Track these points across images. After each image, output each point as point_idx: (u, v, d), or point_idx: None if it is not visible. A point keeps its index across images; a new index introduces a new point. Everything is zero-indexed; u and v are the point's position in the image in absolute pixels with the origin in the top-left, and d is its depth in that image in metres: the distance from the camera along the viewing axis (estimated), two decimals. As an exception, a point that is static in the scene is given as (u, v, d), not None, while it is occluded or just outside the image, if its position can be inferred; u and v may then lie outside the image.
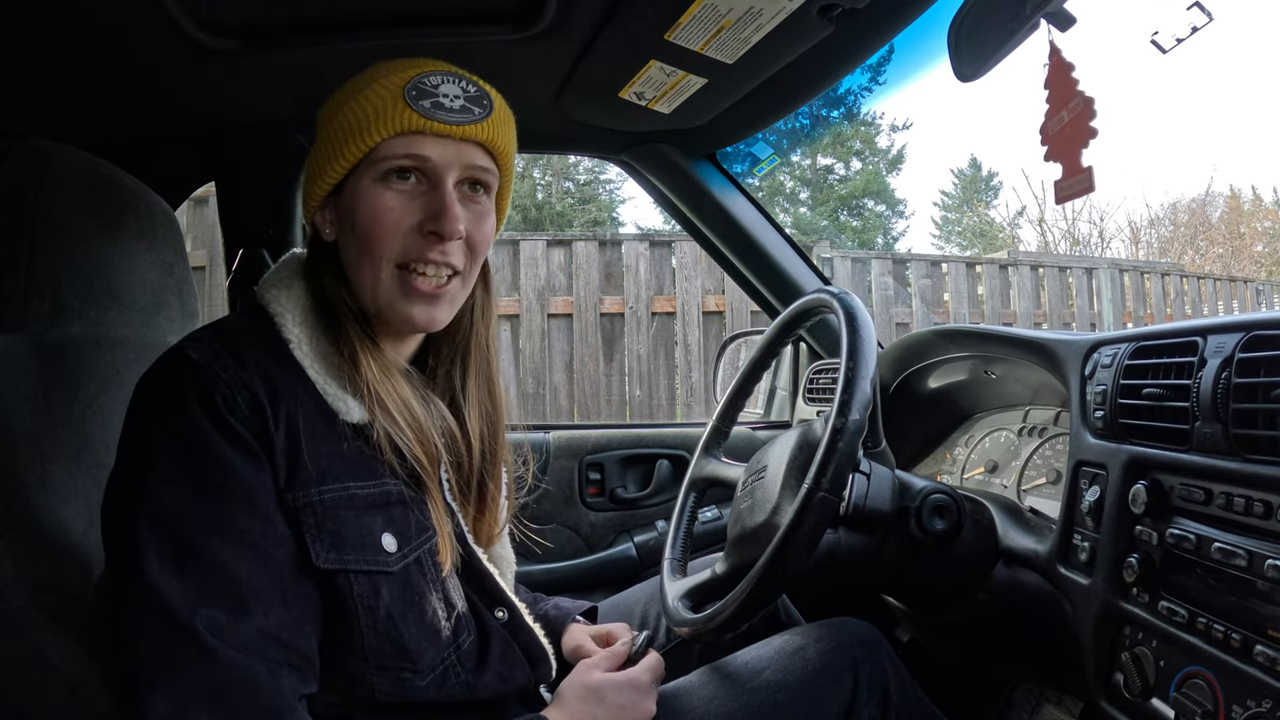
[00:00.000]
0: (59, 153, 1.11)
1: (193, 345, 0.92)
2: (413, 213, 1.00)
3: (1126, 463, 1.07)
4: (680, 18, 1.27)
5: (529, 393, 5.17)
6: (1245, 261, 16.90)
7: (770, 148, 2.04)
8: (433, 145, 1.00)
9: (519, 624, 1.14)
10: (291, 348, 0.98)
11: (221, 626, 0.83)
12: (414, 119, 0.98)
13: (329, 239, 1.05)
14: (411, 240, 1.00)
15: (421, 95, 0.98)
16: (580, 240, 5.31)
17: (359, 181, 1.01)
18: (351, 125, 0.99)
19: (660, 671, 1.15)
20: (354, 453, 0.98)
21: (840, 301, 1.18)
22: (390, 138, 0.98)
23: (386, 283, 1.01)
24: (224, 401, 0.89)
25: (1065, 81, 1.01)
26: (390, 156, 0.99)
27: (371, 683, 0.95)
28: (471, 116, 1.01)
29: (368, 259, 1.01)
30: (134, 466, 0.88)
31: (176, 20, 1.24)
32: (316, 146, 1.05)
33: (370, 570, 0.95)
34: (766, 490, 1.19)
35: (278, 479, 0.91)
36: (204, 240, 4.71)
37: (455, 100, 1.00)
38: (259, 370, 0.93)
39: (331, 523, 0.93)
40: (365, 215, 1.00)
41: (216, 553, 0.85)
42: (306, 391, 0.97)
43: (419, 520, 1.02)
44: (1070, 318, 7.23)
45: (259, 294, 1.04)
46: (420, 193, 1.01)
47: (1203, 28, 0.99)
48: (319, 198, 1.04)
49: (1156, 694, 0.98)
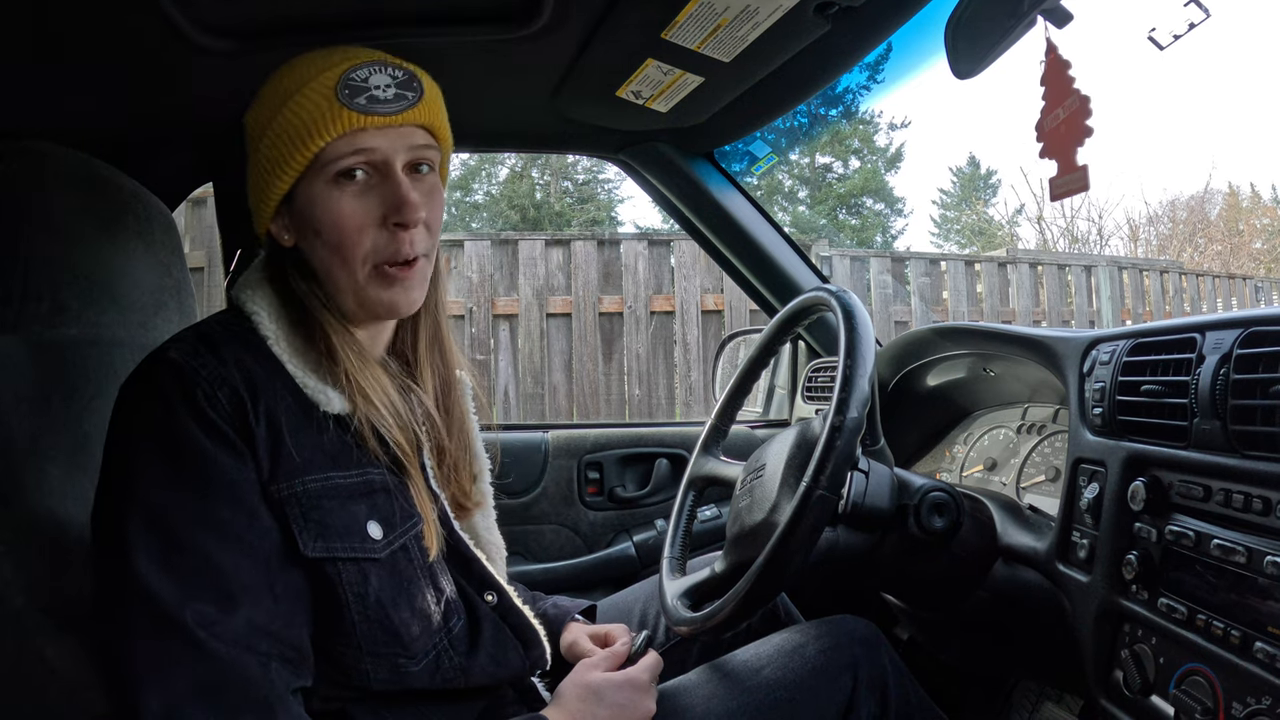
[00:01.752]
0: (56, 154, 1.11)
1: (175, 346, 0.94)
2: (372, 208, 1.01)
3: (1125, 460, 1.07)
4: (677, 16, 1.27)
5: (528, 392, 5.17)
6: (1244, 259, 16.89)
7: (768, 146, 2.04)
8: (374, 137, 1.00)
9: (508, 606, 1.15)
10: (270, 344, 1.00)
11: (211, 620, 0.83)
12: (352, 117, 0.97)
13: (289, 244, 1.06)
14: (378, 236, 1.01)
15: (354, 92, 0.98)
16: (579, 240, 5.30)
17: (310, 187, 1.01)
18: (290, 134, 0.99)
19: (659, 671, 1.15)
20: (335, 443, 1.00)
21: (838, 299, 1.18)
22: (333, 140, 0.98)
23: (364, 279, 1.03)
24: (205, 396, 0.90)
25: (1062, 79, 1.01)
26: (337, 158, 0.99)
27: (366, 671, 0.96)
28: (406, 103, 1.01)
29: (339, 261, 1.02)
30: (118, 467, 0.89)
31: (174, 20, 1.24)
32: (254, 159, 1.04)
33: (358, 558, 0.96)
34: (765, 489, 1.19)
35: (261, 472, 0.92)
36: (202, 241, 4.72)
37: (387, 90, 1.00)
38: (239, 367, 0.94)
39: (317, 512, 0.94)
40: (327, 221, 1.00)
41: (203, 546, 0.86)
42: (286, 386, 0.98)
43: (403, 507, 1.04)
44: (1069, 315, 7.23)
45: (234, 296, 1.05)
46: (372, 186, 1.02)
47: (1200, 24, 1.00)
48: (270, 207, 1.04)
49: (1156, 691, 0.98)
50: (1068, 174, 1.00)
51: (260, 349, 0.99)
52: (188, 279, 1.34)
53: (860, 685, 1.15)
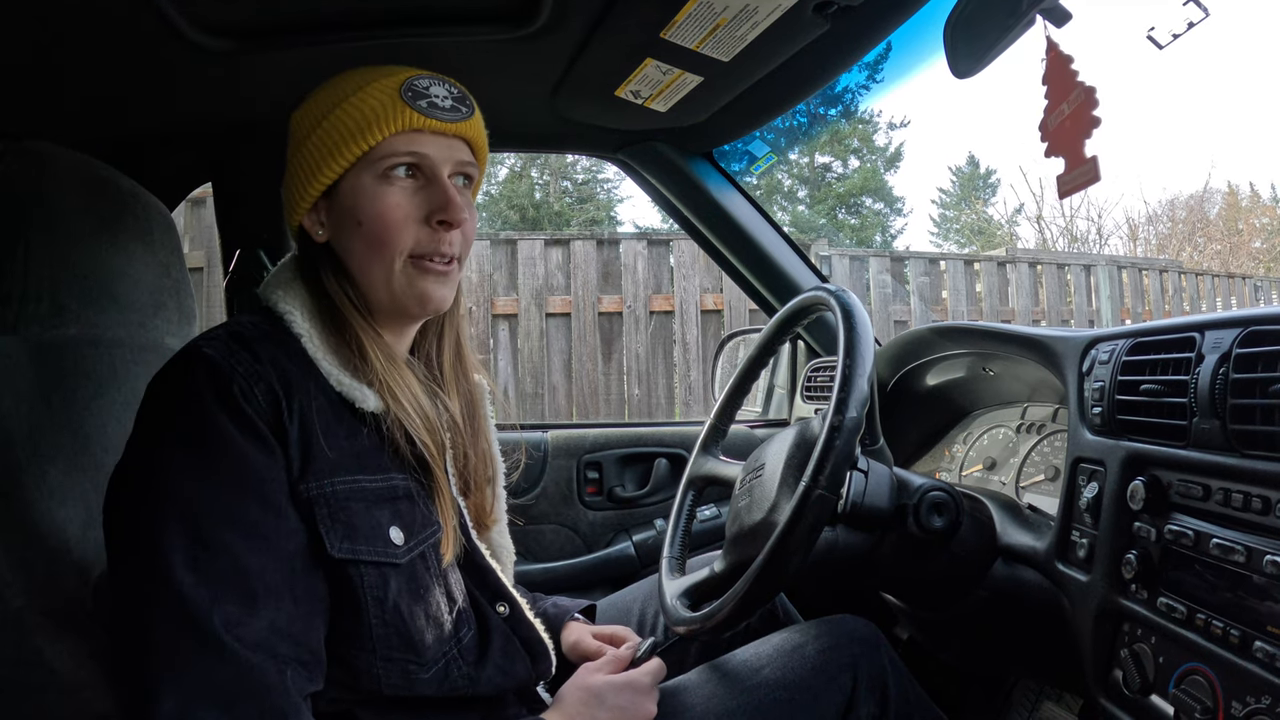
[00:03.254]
0: (55, 154, 1.11)
1: (208, 343, 0.94)
2: (418, 206, 1.05)
3: (1124, 459, 1.07)
4: (676, 16, 1.27)
5: (528, 392, 5.17)
6: (1243, 258, 16.88)
7: (767, 145, 2.04)
8: (430, 142, 1.05)
9: (519, 618, 1.15)
10: (304, 342, 1.01)
11: (235, 622, 0.83)
12: (415, 117, 1.02)
13: (321, 240, 1.08)
14: (420, 231, 1.05)
15: (417, 96, 1.03)
16: (578, 239, 5.30)
17: (357, 180, 1.04)
18: (349, 126, 1.02)
19: (661, 675, 1.15)
20: (364, 446, 1.01)
21: (837, 299, 1.18)
22: (392, 136, 1.03)
23: (399, 274, 1.05)
24: (241, 393, 0.90)
25: (1064, 74, 1.00)
26: (391, 154, 1.03)
27: (378, 675, 0.96)
28: (461, 115, 1.07)
29: (378, 254, 1.04)
30: (145, 461, 0.89)
31: (172, 20, 1.24)
32: (300, 153, 1.07)
33: (380, 561, 0.97)
34: (764, 488, 1.19)
35: (291, 470, 0.93)
36: (202, 241, 4.72)
37: (445, 100, 1.06)
38: (274, 364, 0.95)
39: (344, 513, 0.95)
40: (373, 213, 1.03)
41: (231, 546, 0.86)
42: (318, 386, 0.99)
43: (423, 515, 1.04)
44: (1068, 315, 7.23)
45: (263, 296, 1.06)
46: (419, 188, 1.05)
47: (1199, 23, 0.99)
48: (309, 200, 1.07)
49: (1156, 691, 0.98)
50: (1077, 168, 1.00)
51: (293, 347, 1.00)
52: (187, 279, 1.34)
53: (860, 685, 1.15)
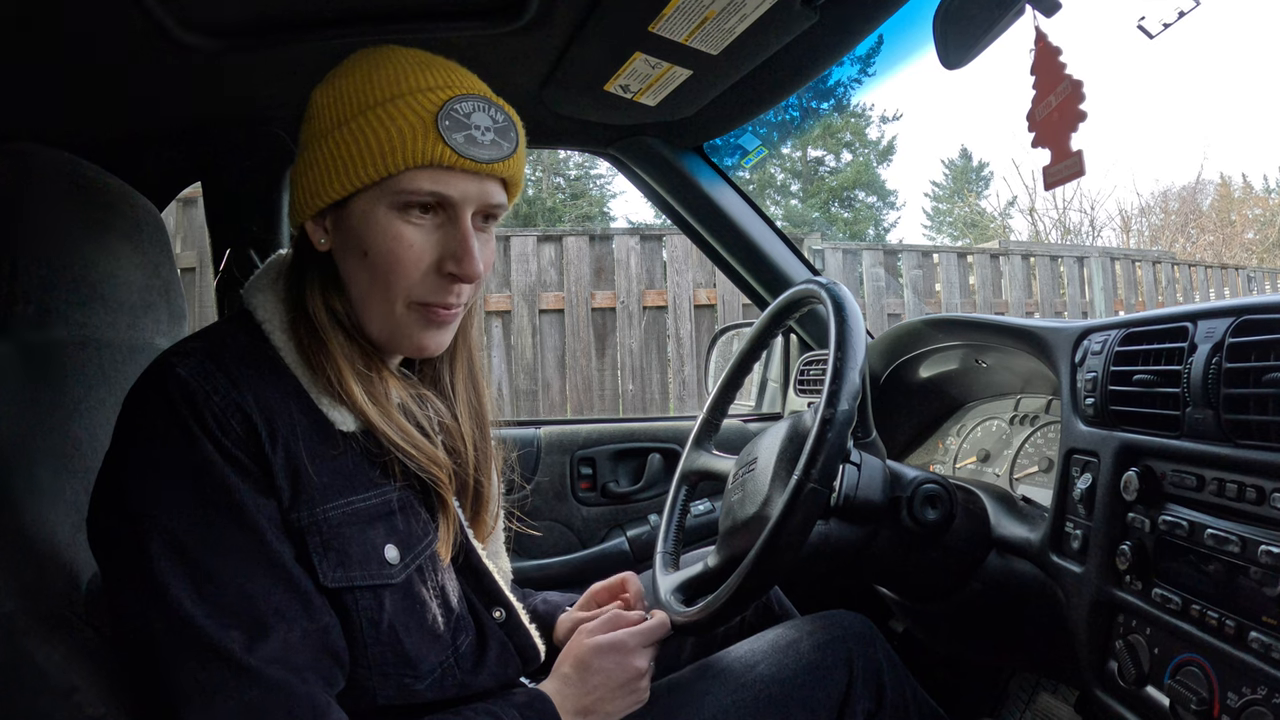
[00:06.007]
0: (42, 155, 1.10)
1: (181, 361, 0.89)
2: (431, 248, 0.96)
3: (1118, 450, 1.07)
4: (664, 9, 1.26)
5: (521, 389, 5.16)
6: (1236, 249, 16.95)
7: (758, 139, 2.04)
8: (459, 182, 0.94)
9: (515, 624, 1.14)
10: (282, 354, 0.96)
11: (250, 645, 0.83)
12: (446, 154, 0.92)
13: (323, 249, 1.00)
14: (430, 280, 0.97)
15: (455, 126, 0.92)
16: (571, 235, 5.29)
17: (372, 205, 0.95)
18: (371, 144, 0.92)
19: (658, 635, 1.14)
20: (351, 463, 0.97)
21: (828, 292, 1.17)
22: (417, 169, 0.92)
23: (399, 317, 0.98)
24: (215, 421, 0.86)
25: (1052, 66, 1.00)
26: (413, 190, 0.93)
27: (373, 689, 0.95)
28: (500, 153, 0.95)
29: (380, 291, 0.97)
30: (136, 489, 0.86)
31: (159, 19, 1.23)
32: (316, 147, 0.97)
33: (375, 584, 0.95)
34: (757, 482, 1.18)
35: (281, 500, 0.90)
36: (193, 241, 4.69)
37: (486, 134, 0.94)
38: (251, 389, 0.90)
39: (338, 540, 0.92)
40: (381, 247, 0.94)
41: (234, 574, 0.84)
42: (300, 406, 0.94)
43: (420, 524, 1.02)
44: (1062, 306, 7.24)
45: (245, 298, 1.01)
46: (437, 225, 0.96)
47: (1190, 12, 0.99)
48: (316, 208, 0.98)
49: (1151, 682, 0.98)
50: (1061, 161, 1.00)
51: (274, 363, 0.95)
52: (177, 279, 1.33)
53: (855, 679, 1.15)
